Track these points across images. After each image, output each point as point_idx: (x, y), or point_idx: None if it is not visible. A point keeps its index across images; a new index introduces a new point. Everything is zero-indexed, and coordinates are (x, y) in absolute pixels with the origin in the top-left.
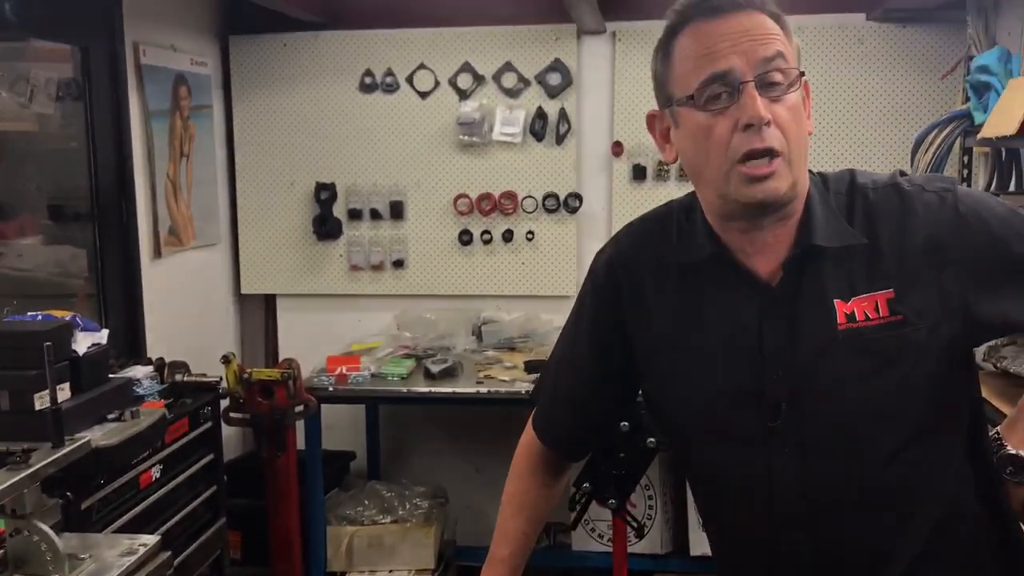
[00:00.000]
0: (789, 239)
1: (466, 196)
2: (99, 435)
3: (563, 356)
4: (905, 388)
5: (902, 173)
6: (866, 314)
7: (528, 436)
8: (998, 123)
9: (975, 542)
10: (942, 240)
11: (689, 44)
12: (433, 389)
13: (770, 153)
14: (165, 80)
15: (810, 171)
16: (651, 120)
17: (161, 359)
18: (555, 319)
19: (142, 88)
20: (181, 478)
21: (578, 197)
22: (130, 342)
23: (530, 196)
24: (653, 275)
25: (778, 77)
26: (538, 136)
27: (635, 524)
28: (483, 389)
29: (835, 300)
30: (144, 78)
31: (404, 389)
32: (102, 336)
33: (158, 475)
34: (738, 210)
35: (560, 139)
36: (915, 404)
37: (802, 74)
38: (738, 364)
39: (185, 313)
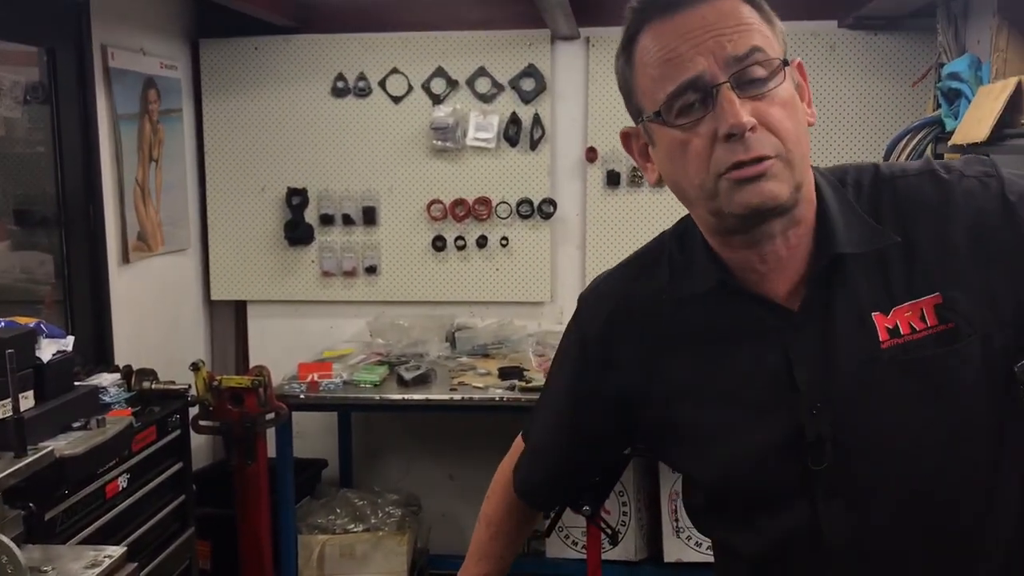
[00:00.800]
0: (807, 250)
1: (439, 202)
2: (64, 444)
3: (546, 407)
4: (967, 410)
5: (939, 157)
6: (911, 326)
7: (510, 459)
8: (969, 130)
9: None
10: (988, 232)
11: (650, 49)
12: (406, 396)
13: (761, 160)
14: (134, 84)
15: (817, 168)
16: (626, 139)
17: (129, 366)
18: (529, 325)
19: (110, 92)
20: (149, 487)
21: (552, 203)
22: (97, 349)
23: (504, 202)
24: (652, 327)
25: (759, 72)
26: (512, 141)
27: (609, 531)
28: (457, 396)
29: (874, 314)
30: (112, 81)
31: (377, 396)
32: (68, 343)
33: (125, 485)
34: (736, 223)
35: (534, 145)
36: (979, 430)
37: (786, 63)
38: (768, 408)
39: (154, 320)
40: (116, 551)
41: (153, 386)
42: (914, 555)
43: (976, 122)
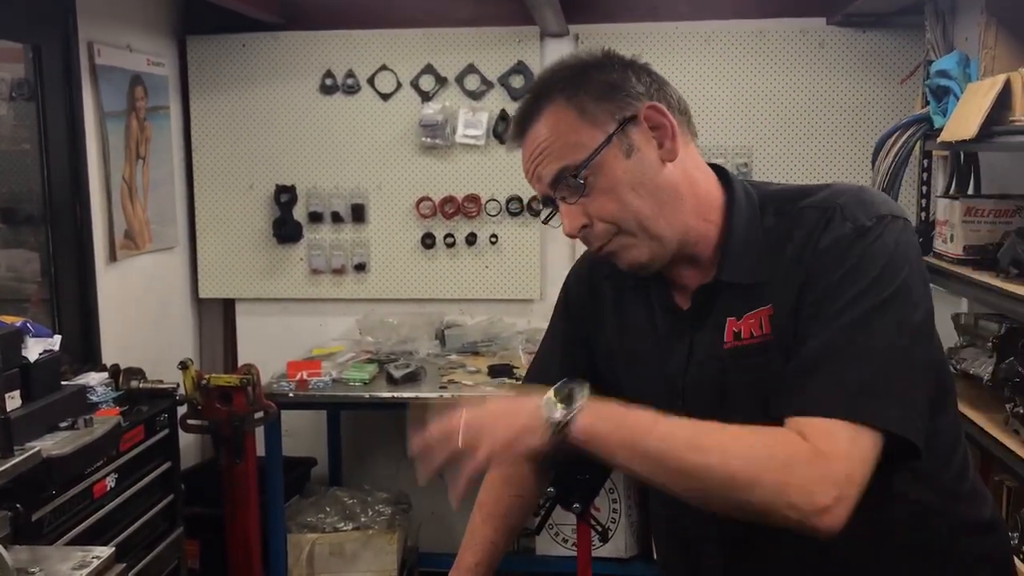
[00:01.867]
0: (709, 265)
1: (429, 199)
2: (50, 444)
3: (541, 362)
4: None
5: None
6: (751, 332)
7: None
8: (957, 127)
9: (910, 538)
10: (808, 256)
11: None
12: (396, 394)
13: (602, 247)
14: (120, 81)
15: (755, 185)
16: None
17: (116, 365)
18: (518, 323)
19: (97, 89)
20: (137, 487)
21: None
22: (84, 348)
23: (493, 199)
24: (612, 284)
25: (572, 184)
26: (501, 139)
27: (599, 528)
28: (446, 394)
29: (729, 318)
30: (99, 78)
31: (366, 394)
32: (54, 342)
33: (113, 484)
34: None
35: None
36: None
37: (622, 126)
38: (653, 378)
39: (141, 318)
40: (104, 552)
41: (141, 385)
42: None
43: (964, 119)
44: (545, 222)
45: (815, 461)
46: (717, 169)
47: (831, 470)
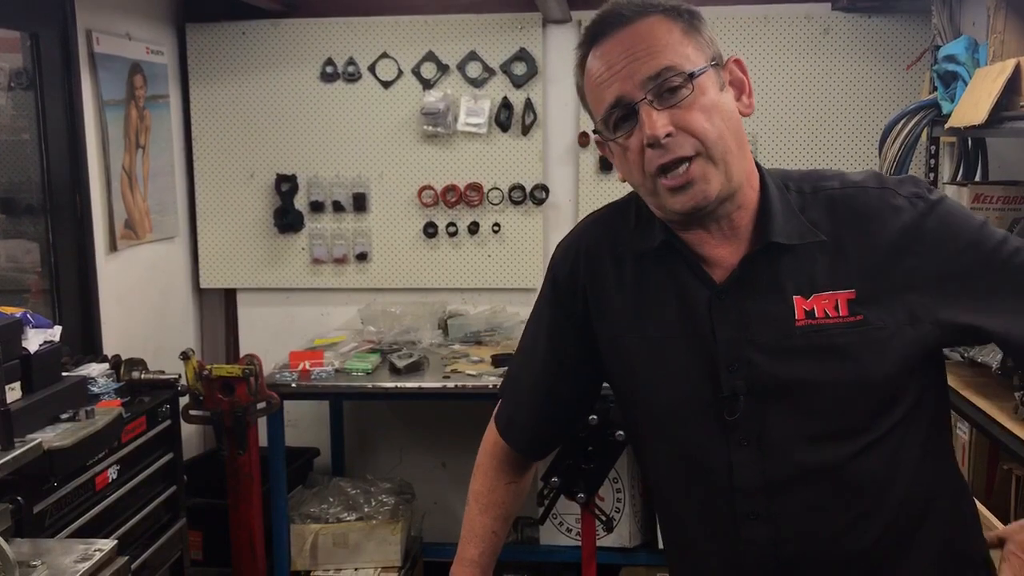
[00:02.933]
0: (748, 231)
1: (431, 188)
2: (52, 436)
3: (525, 351)
4: (864, 387)
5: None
6: (826, 312)
7: (492, 432)
8: (966, 113)
9: (938, 542)
10: (907, 247)
11: (591, 71)
12: (398, 384)
13: (683, 161)
14: (120, 69)
15: (768, 170)
16: (599, 143)
17: (117, 356)
18: (522, 312)
19: (96, 77)
20: (139, 478)
21: (544, 189)
22: (85, 339)
23: (496, 188)
24: (613, 263)
25: (673, 82)
26: (503, 127)
27: (604, 518)
28: (450, 383)
29: (795, 296)
30: (98, 67)
31: (369, 384)
32: (55, 333)
33: (115, 476)
34: (679, 218)
35: (526, 130)
36: (874, 404)
37: (716, 63)
38: (693, 357)
39: (142, 308)
40: (106, 544)
41: (143, 376)
42: (814, 502)
43: (973, 105)
44: (596, 133)
45: None
46: None
47: None
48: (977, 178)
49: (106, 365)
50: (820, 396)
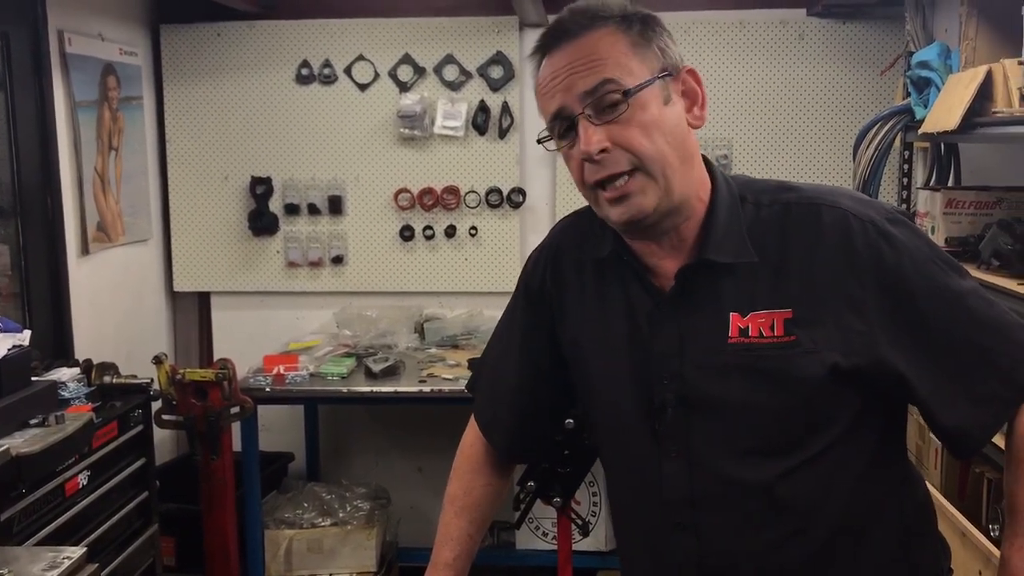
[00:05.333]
0: (690, 245)
1: (407, 191)
2: (20, 442)
3: (501, 349)
4: (794, 410)
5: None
6: (761, 331)
7: (470, 434)
8: (939, 118)
9: (884, 559)
10: (851, 273)
11: (538, 80)
12: (374, 388)
13: (620, 175)
14: (92, 70)
15: (735, 177)
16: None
17: (89, 360)
18: (498, 316)
19: (68, 78)
20: (110, 484)
21: (521, 192)
22: (56, 343)
23: (473, 191)
24: (575, 270)
25: (611, 99)
26: (480, 130)
27: (580, 522)
28: (426, 388)
29: (732, 313)
30: (70, 68)
31: (344, 389)
32: (24, 337)
33: (85, 482)
34: (621, 229)
35: (503, 133)
36: (802, 425)
37: (665, 75)
38: (634, 366)
39: (114, 312)
40: (75, 552)
41: (114, 380)
42: (740, 518)
43: (946, 110)
44: (540, 141)
45: None
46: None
47: None
48: (950, 183)
49: (77, 370)
50: (747, 415)
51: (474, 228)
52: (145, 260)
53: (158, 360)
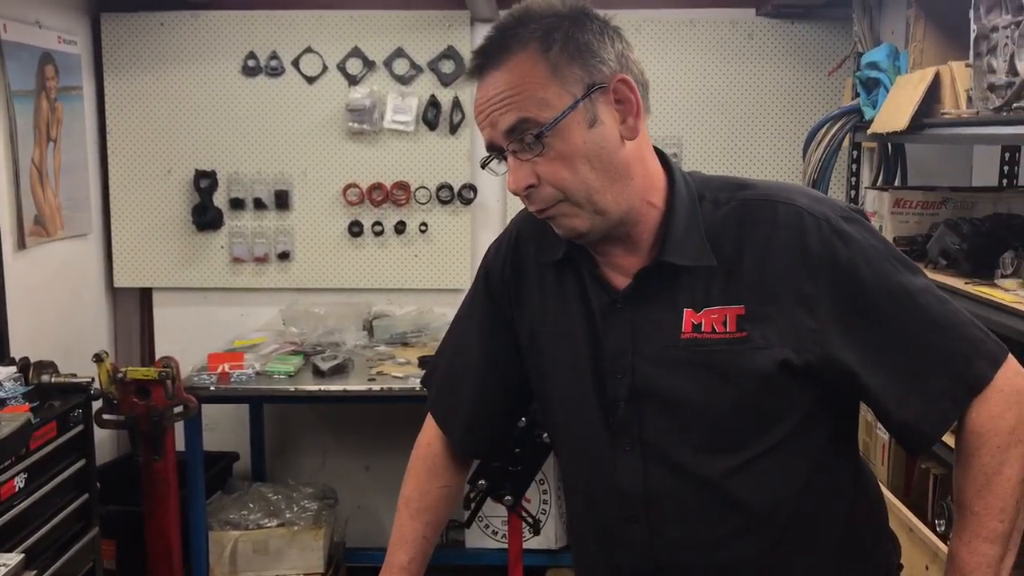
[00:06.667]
0: (650, 244)
1: (356, 186)
2: None
3: (458, 341)
4: (745, 406)
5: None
6: (714, 327)
7: (426, 434)
8: (888, 119)
9: (837, 552)
10: (804, 270)
11: (474, 104)
12: (322, 387)
13: (543, 210)
14: (29, 59)
15: (692, 175)
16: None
17: (26, 359)
18: (449, 313)
19: (3, 67)
20: (49, 487)
21: (473, 188)
22: None
23: (423, 187)
24: (535, 261)
25: (529, 139)
26: (431, 125)
27: (530, 520)
28: (375, 386)
29: (686, 309)
30: (5, 56)
31: (291, 387)
32: None
33: (22, 485)
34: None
35: (454, 128)
36: (752, 421)
37: (590, 91)
38: (590, 360)
39: (53, 309)
40: (12, 559)
41: (53, 379)
42: (692, 512)
43: (895, 111)
44: (483, 166)
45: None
46: (657, 152)
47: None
48: (897, 183)
49: (13, 368)
50: (698, 410)
51: (424, 224)
52: (85, 255)
53: (98, 358)
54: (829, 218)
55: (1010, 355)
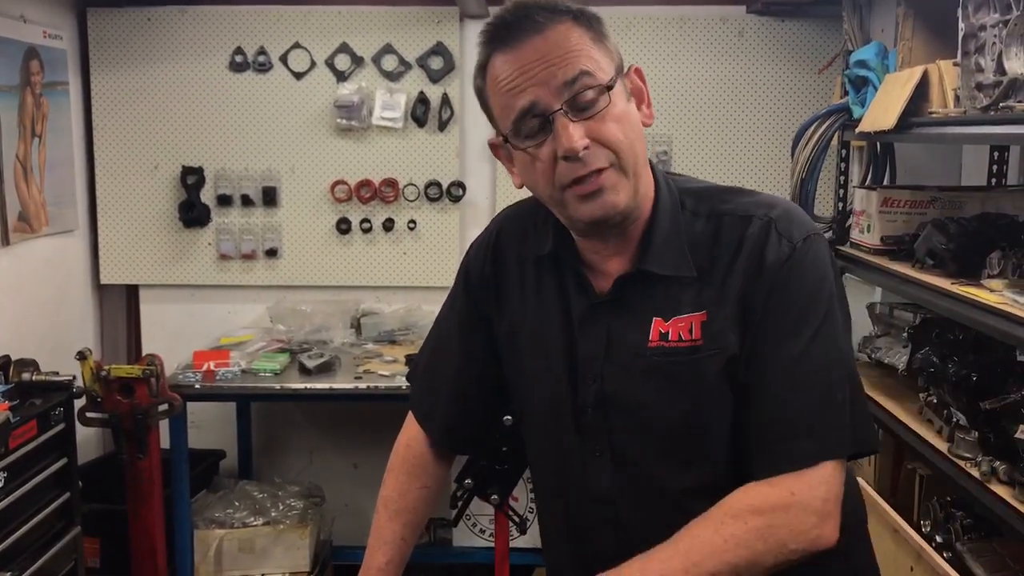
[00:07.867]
0: (631, 251)
1: (344, 183)
2: None
3: (440, 340)
4: (701, 413)
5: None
6: (680, 335)
7: (406, 434)
8: (876, 118)
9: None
10: (752, 278)
11: (497, 76)
12: (309, 385)
13: (598, 172)
14: (13, 54)
15: (674, 178)
16: (494, 148)
17: (7, 356)
18: (437, 311)
19: None
20: (29, 486)
21: (461, 186)
22: None
23: (412, 184)
24: (517, 261)
25: (589, 96)
26: (420, 122)
27: (517, 519)
28: (362, 384)
29: (656, 318)
30: None
31: (277, 385)
32: None
33: (1, 484)
34: (584, 227)
35: (443, 125)
36: (713, 429)
37: (621, 72)
38: (565, 364)
39: (37, 305)
40: None
41: (34, 377)
42: (660, 515)
43: (884, 110)
44: (522, 148)
45: (790, 507)
46: None
47: (809, 505)
48: (885, 182)
49: None
50: (662, 418)
51: (413, 222)
52: (70, 251)
53: (82, 356)
54: (792, 240)
55: (841, 462)
